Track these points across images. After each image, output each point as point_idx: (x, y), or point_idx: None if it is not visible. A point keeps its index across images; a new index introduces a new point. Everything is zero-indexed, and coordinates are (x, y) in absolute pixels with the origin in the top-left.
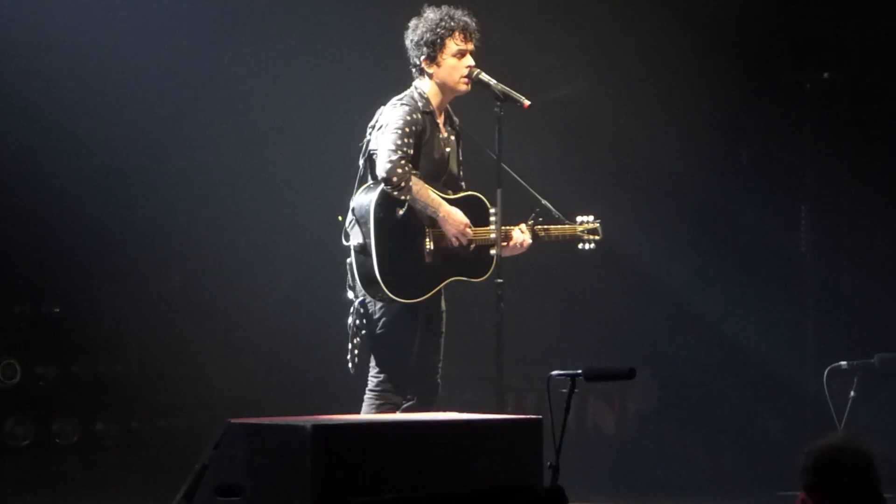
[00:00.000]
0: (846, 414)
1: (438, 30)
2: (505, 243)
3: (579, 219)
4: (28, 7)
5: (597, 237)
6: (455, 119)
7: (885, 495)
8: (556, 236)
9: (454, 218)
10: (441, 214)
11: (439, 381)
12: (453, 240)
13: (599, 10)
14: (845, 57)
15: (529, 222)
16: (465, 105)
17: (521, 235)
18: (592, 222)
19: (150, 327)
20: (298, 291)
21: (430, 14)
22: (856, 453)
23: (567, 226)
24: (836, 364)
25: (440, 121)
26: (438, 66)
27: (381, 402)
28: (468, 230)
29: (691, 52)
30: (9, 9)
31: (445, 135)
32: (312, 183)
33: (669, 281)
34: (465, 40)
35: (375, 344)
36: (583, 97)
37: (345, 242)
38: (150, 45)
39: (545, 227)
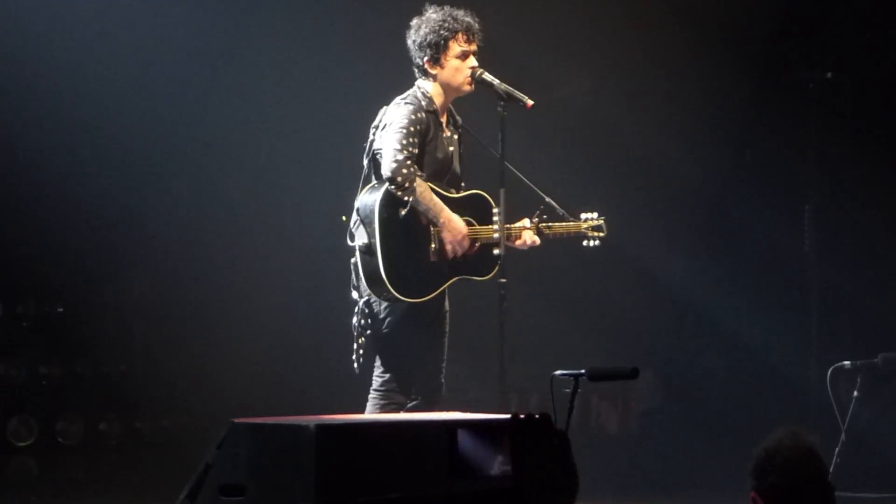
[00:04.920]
0: (850, 413)
1: (442, 31)
2: (510, 242)
3: (583, 216)
4: (33, 6)
5: (601, 234)
6: (458, 118)
7: (886, 495)
8: (561, 233)
9: (454, 226)
10: (442, 220)
11: (443, 380)
12: (449, 247)
13: (603, 9)
14: (849, 57)
15: (534, 220)
16: (469, 105)
17: (529, 233)
18: (596, 219)
19: (154, 327)
20: (303, 291)
21: (433, 14)
22: (791, 451)
23: (571, 223)
24: (839, 364)
25: (443, 120)
26: (442, 67)
27: (386, 401)
28: (465, 241)
29: (695, 51)
30: (14, 7)
31: (448, 134)
32: (317, 183)
33: (673, 280)
34: (469, 42)
35: (380, 344)
36: (586, 97)
37: (350, 242)
38: (155, 46)
39: (549, 224)
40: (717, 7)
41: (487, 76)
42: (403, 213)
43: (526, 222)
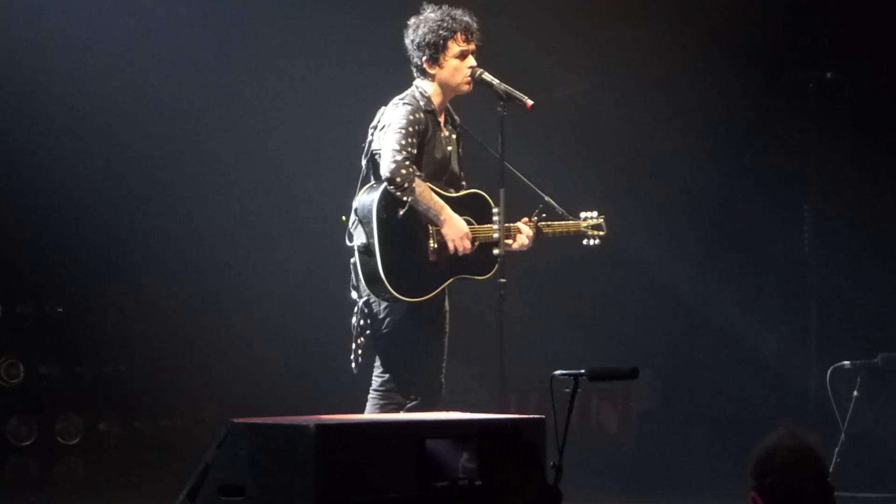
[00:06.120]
0: (849, 414)
1: (440, 31)
2: (509, 241)
3: (583, 215)
4: (33, 6)
5: (601, 233)
6: (456, 118)
7: (886, 495)
8: (560, 232)
9: (455, 224)
10: (442, 219)
11: (443, 380)
12: (451, 245)
13: (602, 9)
14: (849, 57)
15: (534, 218)
16: (468, 104)
17: (522, 236)
18: (596, 218)
19: (154, 327)
20: (302, 291)
21: (431, 14)
22: (790, 451)
23: (570, 221)
24: (839, 364)
25: (441, 120)
26: (441, 67)
27: (386, 401)
28: (467, 241)
29: (694, 51)
30: (13, 7)
31: (447, 134)
32: (316, 183)
33: (672, 280)
34: (467, 41)
35: (380, 344)
36: (586, 97)
37: (348, 243)
38: (154, 45)
39: (548, 223)
40: (717, 7)
41: (487, 76)
42: (401, 212)
43: (524, 220)
